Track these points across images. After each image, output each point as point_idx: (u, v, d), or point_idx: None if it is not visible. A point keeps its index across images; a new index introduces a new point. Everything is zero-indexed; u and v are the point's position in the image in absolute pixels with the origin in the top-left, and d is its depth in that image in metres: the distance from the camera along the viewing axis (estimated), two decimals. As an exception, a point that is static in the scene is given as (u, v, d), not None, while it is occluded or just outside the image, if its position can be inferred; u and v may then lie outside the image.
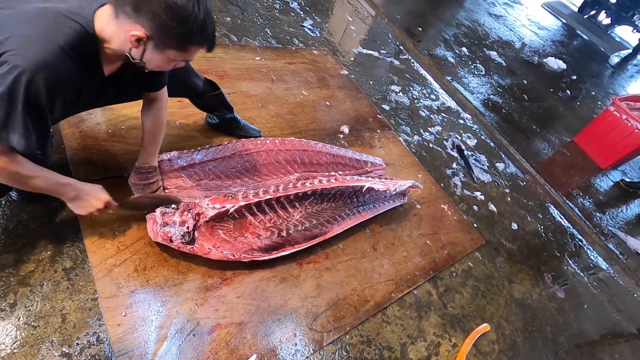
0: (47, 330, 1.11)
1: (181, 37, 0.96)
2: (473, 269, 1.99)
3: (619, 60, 6.30)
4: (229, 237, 1.40)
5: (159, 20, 0.90)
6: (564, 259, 2.40)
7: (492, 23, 5.13)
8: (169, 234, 1.29)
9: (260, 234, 1.46)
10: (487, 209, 2.41)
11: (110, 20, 0.93)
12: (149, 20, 0.90)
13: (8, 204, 1.30)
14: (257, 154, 1.75)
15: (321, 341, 1.41)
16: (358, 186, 1.70)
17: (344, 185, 1.65)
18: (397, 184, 1.81)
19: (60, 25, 0.88)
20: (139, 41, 0.93)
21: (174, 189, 1.53)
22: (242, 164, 1.71)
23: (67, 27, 0.89)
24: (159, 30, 0.92)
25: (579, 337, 1.99)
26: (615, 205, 3.12)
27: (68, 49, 0.89)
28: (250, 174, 1.71)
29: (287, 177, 1.79)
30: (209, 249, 1.35)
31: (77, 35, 0.90)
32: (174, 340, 1.21)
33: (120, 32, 0.94)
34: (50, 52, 0.86)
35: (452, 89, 3.40)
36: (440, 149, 2.67)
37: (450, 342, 1.64)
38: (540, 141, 3.41)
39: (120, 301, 1.23)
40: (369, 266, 1.71)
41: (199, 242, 1.33)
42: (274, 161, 1.78)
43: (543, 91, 4.23)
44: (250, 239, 1.44)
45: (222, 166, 1.65)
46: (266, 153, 1.76)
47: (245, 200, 1.40)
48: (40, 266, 1.22)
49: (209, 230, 1.35)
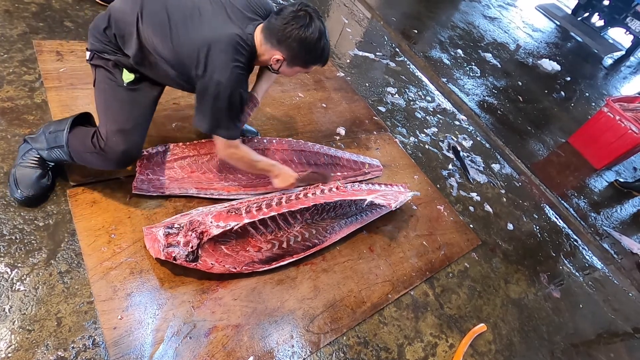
0: (42, 334, 1.11)
1: (307, 62, 1.38)
2: (469, 270, 2.00)
3: (612, 61, 6.36)
4: (231, 251, 1.40)
5: (293, 51, 1.31)
6: (559, 259, 2.42)
7: (487, 25, 5.17)
8: (172, 254, 1.28)
9: (262, 246, 1.47)
10: (483, 210, 2.42)
11: (261, 43, 1.32)
12: (286, 49, 1.31)
13: (2, 208, 1.29)
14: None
15: (318, 343, 1.41)
16: (359, 200, 1.70)
17: (347, 200, 1.66)
18: (398, 200, 1.79)
19: (241, 49, 1.26)
20: (278, 61, 1.35)
21: (166, 180, 1.54)
22: None
23: (245, 49, 1.28)
24: (293, 57, 1.33)
25: (574, 336, 2.00)
26: (610, 205, 3.14)
27: (246, 66, 1.31)
28: (244, 171, 1.72)
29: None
30: (212, 264, 1.35)
31: (249, 56, 1.31)
32: (171, 343, 1.21)
33: (267, 53, 1.34)
34: (239, 69, 1.27)
35: (448, 90, 3.42)
36: (436, 150, 2.68)
37: (447, 342, 1.65)
38: (535, 142, 3.44)
39: (116, 304, 1.22)
40: (365, 267, 1.71)
41: (202, 259, 1.33)
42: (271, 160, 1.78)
43: (538, 92, 4.26)
44: (252, 252, 1.45)
45: (215, 160, 1.66)
46: (262, 152, 1.77)
47: (249, 217, 1.40)
48: (35, 270, 1.21)
49: (212, 246, 1.35)
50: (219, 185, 1.63)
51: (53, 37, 1.90)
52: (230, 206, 1.50)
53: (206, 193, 1.60)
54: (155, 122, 1.77)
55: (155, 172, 1.53)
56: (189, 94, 1.97)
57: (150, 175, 1.52)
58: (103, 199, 1.44)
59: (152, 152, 1.56)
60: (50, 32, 1.92)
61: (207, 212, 1.46)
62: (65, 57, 1.83)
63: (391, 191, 1.96)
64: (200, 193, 1.59)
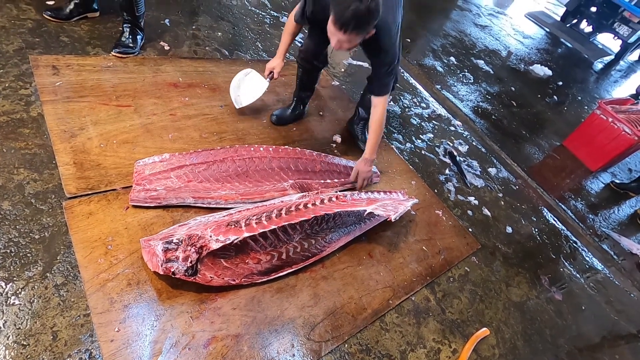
0: (37, 348, 1.09)
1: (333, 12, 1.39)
2: (470, 274, 1.99)
3: (603, 66, 6.46)
4: (230, 264, 1.39)
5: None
6: (559, 261, 2.41)
7: (478, 33, 5.26)
8: (171, 268, 1.26)
9: (261, 258, 1.45)
10: (482, 214, 2.42)
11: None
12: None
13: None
14: (249, 160, 1.76)
15: (319, 351, 1.38)
16: (359, 211, 1.69)
17: (346, 211, 1.65)
18: (399, 211, 1.78)
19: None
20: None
21: (162, 190, 1.53)
22: (234, 169, 1.71)
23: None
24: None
25: (578, 339, 1.98)
26: (607, 206, 3.15)
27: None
28: (241, 179, 1.72)
29: (281, 183, 1.79)
30: (211, 277, 1.33)
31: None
32: (169, 355, 1.19)
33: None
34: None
35: (442, 97, 3.45)
36: (433, 155, 2.69)
37: (450, 347, 1.62)
38: (530, 146, 3.46)
39: (113, 316, 1.20)
40: (365, 273, 1.70)
41: (201, 273, 1.31)
42: (267, 168, 1.79)
43: (531, 97, 4.31)
44: (251, 264, 1.43)
45: (212, 169, 1.66)
46: (259, 160, 1.77)
47: (249, 230, 1.38)
48: (30, 283, 1.19)
49: (211, 260, 1.33)
50: (216, 194, 1.62)
51: (49, 52, 1.91)
52: (229, 217, 1.49)
53: (203, 202, 1.59)
54: (152, 132, 1.79)
55: (152, 182, 1.53)
56: (185, 105, 1.99)
57: (147, 186, 1.51)
58: (99, 210, 1.43)
59: (149, 163, 1.56)
60: (46, 47, 1.93)
61: (205, 222, 1.45)
62: (62, 71, 1.85)
63: (390, 200, 1.95)
64: (197, 202, 1.58)
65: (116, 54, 2.06)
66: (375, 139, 1.84)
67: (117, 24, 2.25)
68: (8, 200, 1.34)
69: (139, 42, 2.17)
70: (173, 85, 2.08)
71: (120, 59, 2.07)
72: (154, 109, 1.90)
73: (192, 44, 2.47)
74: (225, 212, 1.55)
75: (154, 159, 1.58)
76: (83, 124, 1.67)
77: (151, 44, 2.29)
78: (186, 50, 2.40)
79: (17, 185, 1.39)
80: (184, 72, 2.20)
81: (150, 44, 2.28)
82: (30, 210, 1.35)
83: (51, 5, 2.14)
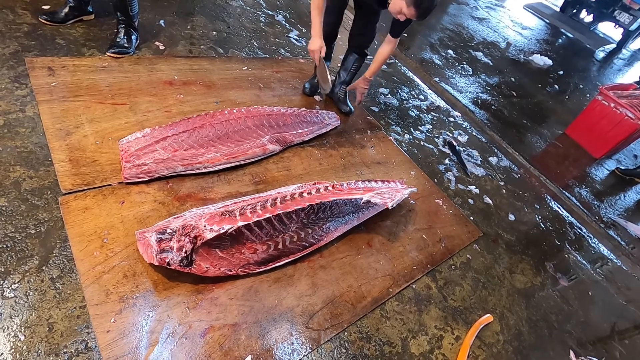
0: (33, 340, 1.09)
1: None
2: (472, 261, 1.96)
3: (605, 55, 6.39)
4: (226, 254, 1.39)
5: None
6: (564, 248, 2.37)
7: (475, 26, 5.23)
8: (166, 259, 1.26)
9: (257, 248, 1.45)
10: (483, 202, 2.39)
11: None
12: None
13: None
14: (226, 122, 1.86)
15: (318, 339, 1.37)
16: (355, 199, 1.68)
17: (342, 199, 1.65)
18: (395, 199, 1.77)
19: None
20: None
21: (152, 163, 1.57)
22: (214, 133, 1.81)
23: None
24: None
25: (585, 324, 1.94)
26: (613, 193, 3.10)
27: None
28: (222, 141, 1.81)
29: (259, 139, 1.90)
30: (207, 268, 1.33)
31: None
32: (166, 345, 1.18)
33: None
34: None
35: (441, 89, 3.43)
36: (432, 146, 2.67)
37: (452, 334, 1.60)
38: (532, 135, 3.42)
39: (109, 307, 1.20)
40: (364, 262, 1.68)
41: (196, 263, 1.31)
42: (244, 127, 1.90)
43: (531, 87, 4.27)
44: (247, 254, 1.43)
45: (194, 136, 1.74)
46: (235, 121, 1.88)
47: (243, 219, 1.38)
48: (26, 276, 1.20)
49: (206, 250, 1.33)
50: (203, 159, 1.69)
51: (45, 54, 1.93)
52: (224, 208, 1.49)
53: (193, 168, 1.66)
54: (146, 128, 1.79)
55: (140, 157, 1.58)
56: (180, 102, 1.99)
57: (136, 162, 1.56)
58: (95, 205, 1.43)
59: (132, 140, 1.60)
60: (42, 49, 1.96)
61: (200, 214, 1.45)
62: (57, 72, 1.86)
63: (387, 189, 1.94)
64: (187, 169, 1.64)
65: (111, 54, 2.08)
66: (378, 65, 2.26)
67: (112, 26, 2.27)
68: (4, 197, 1.35)
69: (134, 42, 2.19)
70: (168, 83, 2.09)
71: (116, 59, 2.09)
72: (149, 106, 1.91)
73: (187, 43, 2.48)
74: (221, 204, 1.55)
75: (136, 135, 1.65)
76: (79, 122, 1.69)
77: (146, 44, 2.31)
78: (181, 49, 2.41)
79: (13, 182, 1.40)
80: (179, 71, 2.21)
81: (145, 44, 2.30)
82: (26, 206, 1.35)
83: (47, 10, 2.17)
